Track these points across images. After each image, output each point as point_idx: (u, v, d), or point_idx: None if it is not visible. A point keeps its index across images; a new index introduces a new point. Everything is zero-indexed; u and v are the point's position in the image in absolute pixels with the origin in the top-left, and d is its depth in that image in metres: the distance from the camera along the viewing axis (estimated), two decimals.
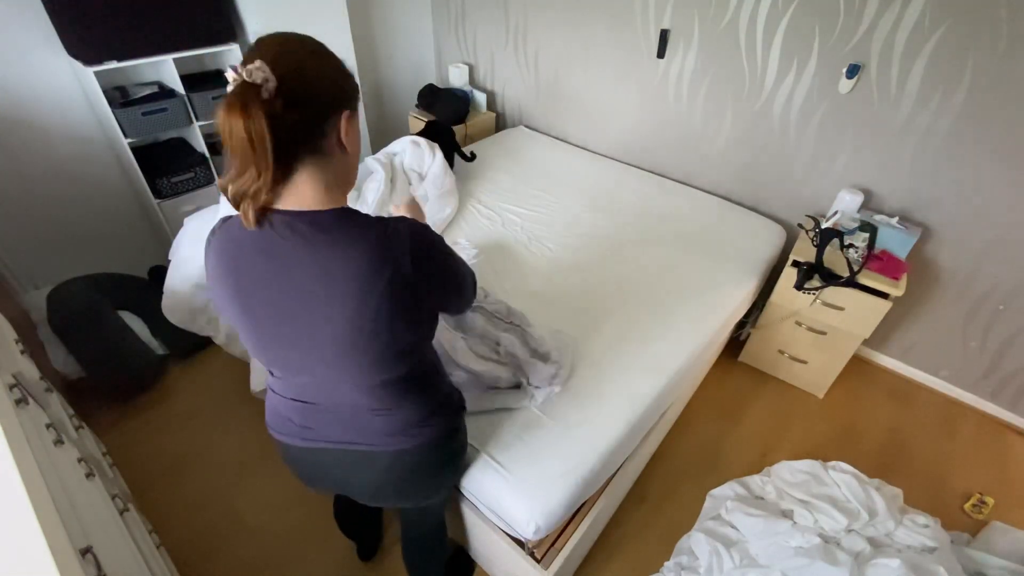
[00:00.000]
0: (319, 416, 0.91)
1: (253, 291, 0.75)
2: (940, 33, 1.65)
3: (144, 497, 1.69)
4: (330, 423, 0.91)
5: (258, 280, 0.74)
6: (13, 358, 1.28)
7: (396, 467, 0.96)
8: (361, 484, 1.01)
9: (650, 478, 1.83)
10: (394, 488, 1.01)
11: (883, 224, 1.90)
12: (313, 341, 0.76)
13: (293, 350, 0.79)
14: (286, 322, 0.75)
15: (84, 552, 0.76)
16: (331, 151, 0.73)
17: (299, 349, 0.78)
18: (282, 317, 0.75)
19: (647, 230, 2.13)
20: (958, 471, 1.95)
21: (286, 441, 0.96)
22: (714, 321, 1.74)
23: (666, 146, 2.54)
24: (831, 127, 2.00)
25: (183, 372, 2.17)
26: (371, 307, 0.71)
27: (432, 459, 1.00)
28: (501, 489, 1.21)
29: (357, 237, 0.71)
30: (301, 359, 0.80)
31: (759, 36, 2.01)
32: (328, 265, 0.70)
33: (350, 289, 0.70)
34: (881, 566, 1.15)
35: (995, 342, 2.04)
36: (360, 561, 1.58)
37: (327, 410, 0.89)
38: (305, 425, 0.92)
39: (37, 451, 0.89)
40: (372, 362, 0.79)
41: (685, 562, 1.37)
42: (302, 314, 0.74)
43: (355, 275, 0.70)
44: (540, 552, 1.27)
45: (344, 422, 0.90)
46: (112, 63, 1.95)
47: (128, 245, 2.50)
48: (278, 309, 0.75)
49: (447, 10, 3.13)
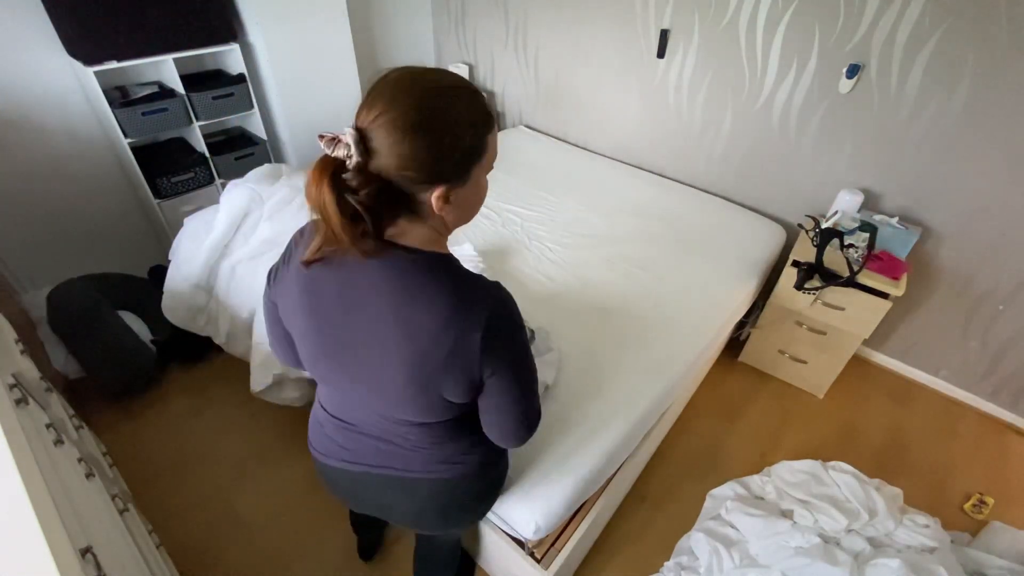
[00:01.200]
0: (360, 438, 0.90)
1: (326, 315, 0.74)
2: (940, 33, 1.65)
3: (144, 497, 1.69)
4: (369, 447, 0.90)
5: (334, 308, 0.73)
6: (13, 358, 1.28)
7: (436, 495, 0.95)
8: (400, 510, 1.00)
9: (650, 478, 1.83)
10: (433, 516, 1.00)
11: (883, 224, 1.90)
12: (370, 373, 0.76)
13: (347, 375, 0.79)
14: (349, 348, 0.75)
15: (84, 552, 0.76)
16: (427, 213, 0.68)
17: (355, 377, 0.78)
18: (349, 345, 0.75)
19: (647, 230, 2.13)
20: (958, 471, 1.95)
21: (326, 462, 0.96)
22: (714, 321, 1.74)
23: (666, 146, 2.54)
24: (831, 127, 2.00)
25: (183, 372, 2.17)
26: (429, 366, 0.71)
27: (473, 487, 0.99)
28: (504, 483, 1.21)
29: (445, 288, 0.69)
30: (354, 385, 0.80)
31: (759, 36, 2.01)
32: (406, 311, 0.69)
33: (416, 343, 0.70)
34: (881, 566, 1.15)
35: (995, 342, 2.04)
36: (360, 561, 1.58)
37: (369, 436, 0.89)
38: (346, 447, 0.92)
39: (37, 451, 0.89)
40: (421, 409, 0.79)
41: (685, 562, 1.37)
42: (367, 345, 0.73)
43: (424, 332, 0.69)
44: (540, 552, 1.27)
45: (384, 450, 0.90)
46: (112, 63, 1.95)
47: (128, 245, 2.50)
48: (347, 338, 0.74)
49: (447, 10, 3.13)
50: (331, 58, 2.54)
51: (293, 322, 0.79)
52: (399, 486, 0.94)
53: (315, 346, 0.78)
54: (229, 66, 2.41)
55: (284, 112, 2.49)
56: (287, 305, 0.79)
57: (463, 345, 0.69)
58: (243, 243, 1.84)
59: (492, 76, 3.15)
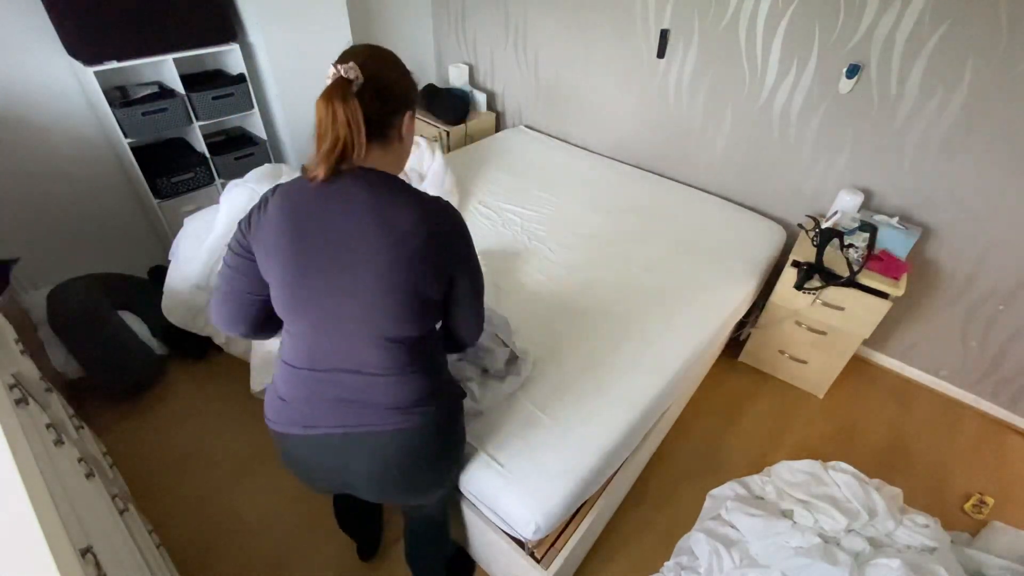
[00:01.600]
0: (325, 389, 0.93)
1: (311, 231, 0.85)
2: (940, 33, 1.65)
3: (144, 497, 1.69)
4: (333, 401, 0.94)
5: (319, 220, 0.85)
6: (13, 358, 1.28)
7: (396, 450, 0.97)
8: (361, 474, 1.00)
9: (650, 478, 1.83)
10: (395, 477, 1.01)
11: (883, 224, 1.90)
12: (355, 277, 0.85)
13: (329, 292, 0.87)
14: (335, 261, 0.85)
15: (84, 552, 0.76)
16: (392, 141, 0.91)
17: (338, 291, 0.86)
18: (333, 255, 0.85)
19: (647, 230, 2.13)
20: (958, 471, 1.95)
21: (285, 431, 0.97)
22: (714, 321, 1.74)
23: (666, 146, 2.54)
24: (831, 127, 2.00)
25: (183, 372, 2.17)
26: (407, 254, 0.85)
27: (432, 445, 1.02)
28: (501, 488, 1.21)
29: (413, 197, 0.88)
30: (336, 304, 0.87)
31: (759, 36, 2.01)
32: (385, 211, 0.85)
33: (394, 235, 0.84)
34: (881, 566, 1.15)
35: (995, 342, 2.04)
36: (360, 560, 1.58)
37: (334, 382, 0.93)
38: (307, 408, 0.95)
39: (37, 451, 0.89)
40: (397, 307, 0.88)
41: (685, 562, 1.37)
42: (354, 248, 0.85)
43: (404, 223, 0.84)
44: (540, 552, 1.27)
45: (347, 396, 0.93)
46: (112, 63, 1.95)
47: (128, 245, 2.50)
48: (331, 247, 0.85)
49: (447, 10, 3.13)
50: (331, 58, 2.50)
51: (275, 258, 0.87)
52: (359, 445, 0.96)
53: (299, 270, 0.86)
54: (229, 66, 2.41)
55: (284, 112, 2.49)
56: (268, 244, 0.87)
57: (435, 239, 0.87)
58: None
59: (492, 76, 3.15)
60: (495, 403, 1.36)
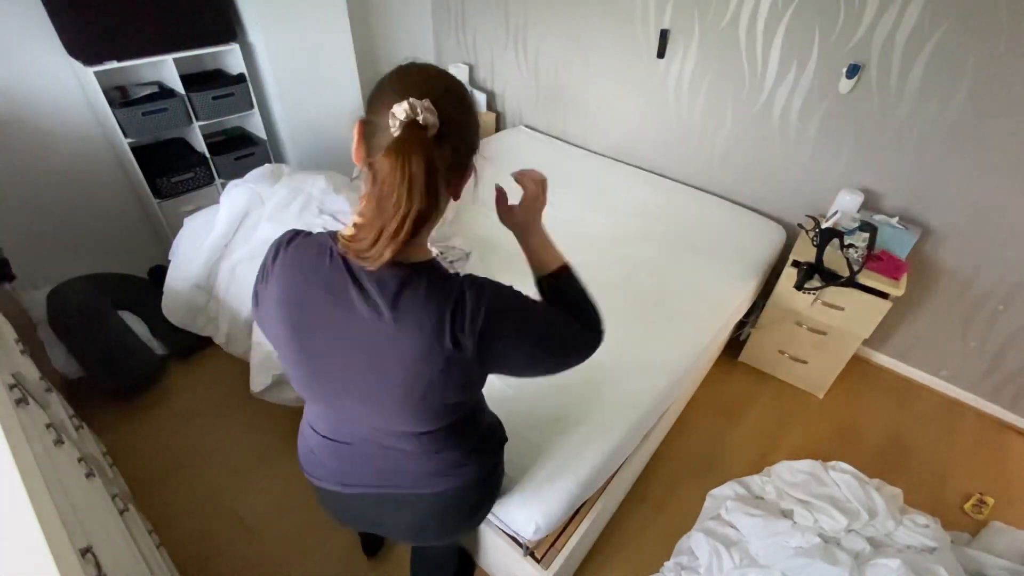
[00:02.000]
0: (356, 458, 0.88)
1: (315, 325, 0.70)
2: (940, 33, 1.65)
3: (144, 497, 1.69)
4: (366, 467, 0.88)
5: (323, 316, 0.70)
6: (13, 358, 1.28)
7: (436, 509, 0.94)
8: (400, 526, 0.99)
9: (650, 478, 1.83)
10: (434, 528, 0.99)
11: (883, 224, 1.90)
12: (367, 391, 0.73)
13: (342, 395, 0.76)
14: (341, 367, 0.72)
15: (84, 552, 0.76)
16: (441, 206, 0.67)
17: (349, 395, 0.75)
18: (339, 361, 0.72)
19: (647, 230, 2.13)
20: (958, 471, 1.95)
21: (322, 486, 0.94)
22: (714, 321, 1.74)
23: (666, 146, 2.54)
24: (831, 127, 2.00)
25: (183, 372, 2.17)
26: (426, 378, 0.69)
27: (472, 498, 0.99)
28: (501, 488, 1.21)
29: (427, 305, 0.67)
30: (350, 404, 0.77)
31: (759, 36, 2.01)
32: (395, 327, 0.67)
33: (411, 355, 0.68)
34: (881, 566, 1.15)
35: (995, 342, 2.04)
36: (365, 557, 1.58)
37: (364, 453, 0.87)
38: (342, 469, 0.90)
39: (37, 451, 0.89)
40: (421, 419, 0.77)
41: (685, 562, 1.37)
42: (361, 363, 0.70)
43: (418, 345, 0.67)
44: (540, 552, 1.27)
45: (380, 468, 0.88)
46: (112, 63, 1.95)
47: (128, 245, 2.50)
48: (337, 351, 0.71)
49: (447, 10, 3.13)
50: (331, 58, 2.54)
51: (278, 341, 0.75)
52: (397, 504, 0.93)
53: (301, 364, 0.74)
54: (229, 66, 2.41)
55: (284, 112, 2.49)
56: (270, 326, 0.76)
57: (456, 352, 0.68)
58: (243, 243, 1.84)
59: (492, 76, 3.15)
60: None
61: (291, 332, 0.72)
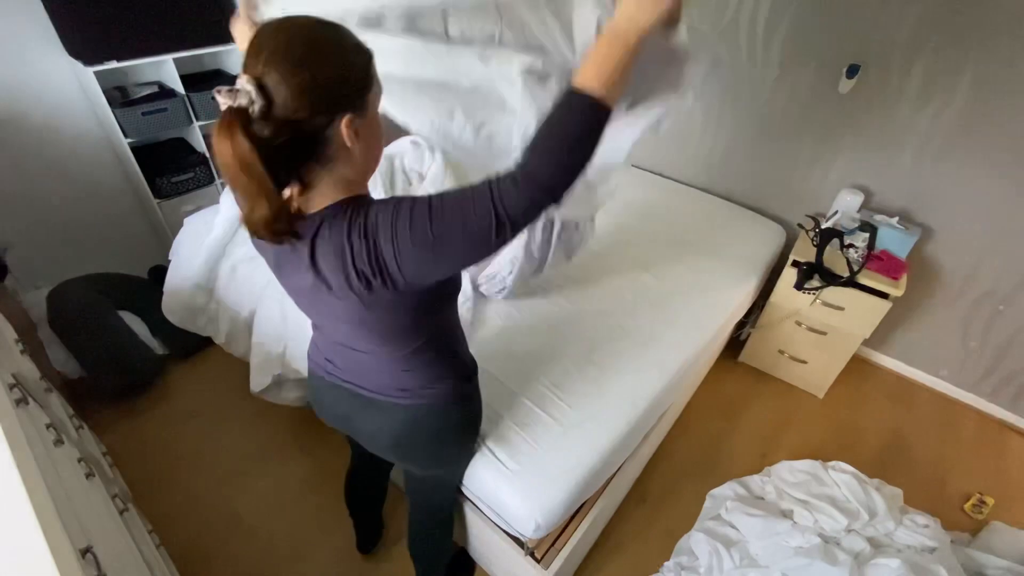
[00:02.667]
0: (336, 349, 0.95)
1: (284, 273, 0.81)
2: (940, 33, 1.65)
3: (144, 497, 1.69)
4: (344, 360, 0.95)
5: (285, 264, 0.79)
6: (13, 358, 1.28)
7: (406, 422, 0.99)
8: (371, 430, 1.03)
9: (650, 478, 1.83)
10: (399, 442, 1.02)
11: (883, 224, 1.90)
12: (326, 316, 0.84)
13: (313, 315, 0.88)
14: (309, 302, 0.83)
15: (84, 552, 0.76)
16: (337, 155, 0.68)
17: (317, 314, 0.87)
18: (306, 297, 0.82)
19: (647, 230, 2.13)
20: (958, 471, 1.95)
21: (313, 369, 1.03)
22: (714, 321, 1.74)
23: (666, 146, 2.54)
24: (831, 127, 2.00)
25: (183, 372, 2.17)
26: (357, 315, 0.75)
27: (443, 420, 1.01)
28: (501, 487, 1.21)
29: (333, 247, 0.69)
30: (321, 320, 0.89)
31: (759, 36, 2.01)
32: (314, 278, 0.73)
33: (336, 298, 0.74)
34: (881, 566, 1.16)
35: (995, 342, 2.04)
36: (359, 553, 1.58)
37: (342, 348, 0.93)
38: (327, 357, 0.98)
39: (37, 451, 0.89)
40: (377, 343, 0.84)
41: (685, 562, 1.37)
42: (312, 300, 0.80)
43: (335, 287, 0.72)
44: (540, 552, 1.27)
45: (353, 367, 0.95)
46: (112, 63, 1.95)
47: (128, 245, 2.50)
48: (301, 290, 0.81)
49: None
50: None
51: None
52: (364, 404, 0.98)
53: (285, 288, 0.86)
54: (229, 66, 2.41)
55: None
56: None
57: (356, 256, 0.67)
58: (243, 243, 1.84)
59: None
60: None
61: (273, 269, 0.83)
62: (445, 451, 1.10)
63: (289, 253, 0.74)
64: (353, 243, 0.67)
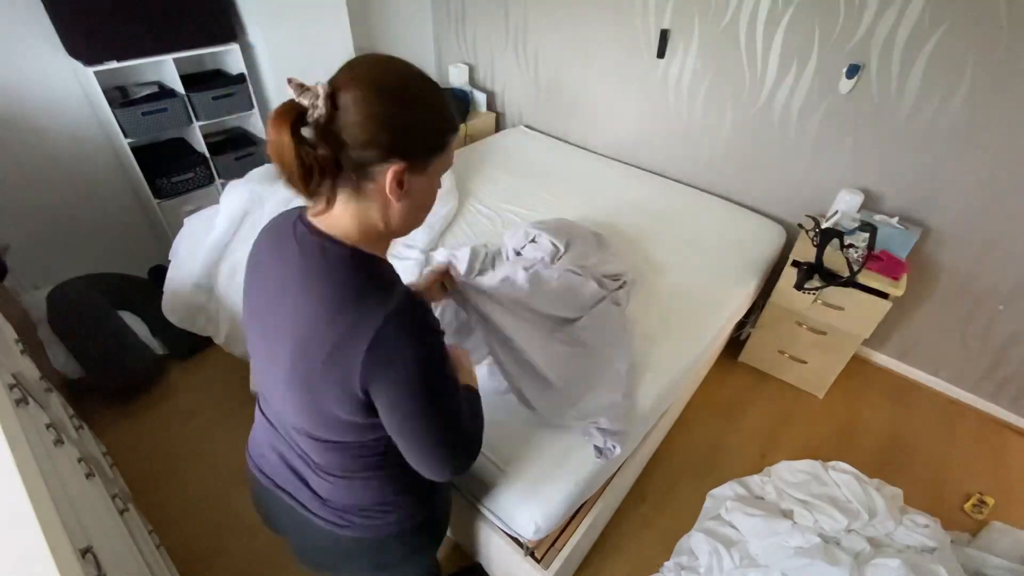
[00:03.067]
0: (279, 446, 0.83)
1: (258, 288, 0.74)
2: (940, 33, 1.65)
3: (144, 497, 1.69)
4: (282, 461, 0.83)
5: (264, 280, 0.72)
6: (13, 358, 1.28)
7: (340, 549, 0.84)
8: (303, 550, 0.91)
9: (650, 478, 1.83)
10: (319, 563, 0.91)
11: (883, 224, 1.90)
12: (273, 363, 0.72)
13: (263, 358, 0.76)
14: (266, 324, 0.72)
15: (84, 552, 0.76)
16: (374, 197, 0.65)
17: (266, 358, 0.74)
18: (264, 315, 0.72)
19: (647, 230, 2.13)
20: (958, 471, 1.95)
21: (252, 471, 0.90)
22: (714, 321, 1.74)
23: (666, 146, 2.54)
24: (831, 127, 2.00)
25: (183, 372, 2.17)
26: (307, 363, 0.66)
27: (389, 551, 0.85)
28: (501, 488, 1.21)
29: (339, 286, 0.65)
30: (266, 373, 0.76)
31: (759, 36, 2.01)
32: (303, 298, 0.66)
33: (301, 331, 0.66)
34: (881, 566, 1.16)
35: (995, 342, 2.04)
36: None
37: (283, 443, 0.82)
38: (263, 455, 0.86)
39: (37, 451, 0.89)
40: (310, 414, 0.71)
41: (685, 562, 1.37)
42: (276, 329, 0.70)
43: (310, 323, 0.65)
44: (540, 552, 1.27)
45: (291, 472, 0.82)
46: (112, 63, 1.95)
47: (128, 245, 2.50)
48: (264, 316, 0.72)
49: (447, 10, 3.13)
50: (331, 58, 2.52)
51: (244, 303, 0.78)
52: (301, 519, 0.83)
53: (250, 328, 0.77)
54: (229, 66, 2.41)
55: None
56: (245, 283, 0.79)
57: (345, 349, 0.62)
58: (243, 243, 1.84)
59: (492, 76, 3.15)
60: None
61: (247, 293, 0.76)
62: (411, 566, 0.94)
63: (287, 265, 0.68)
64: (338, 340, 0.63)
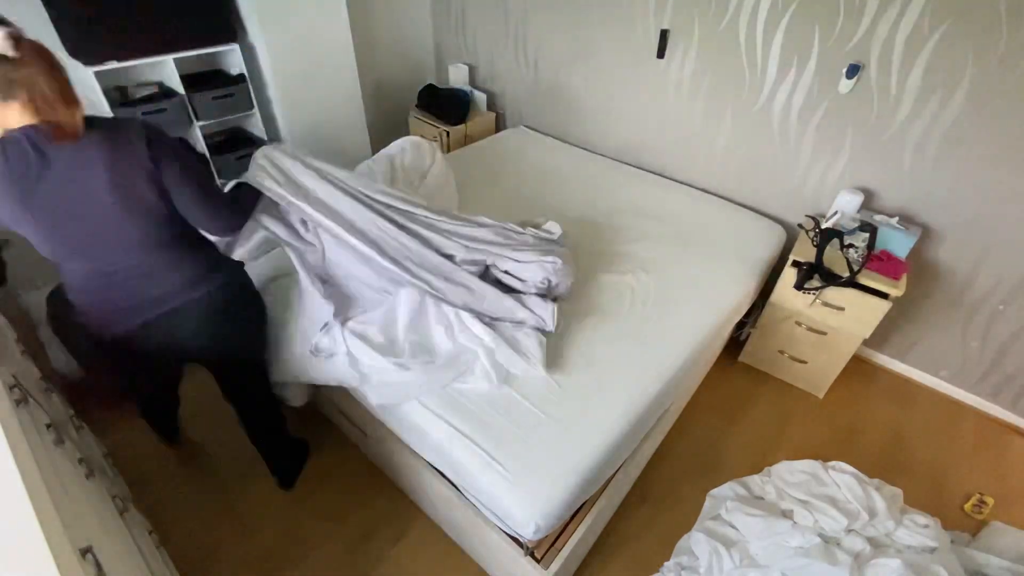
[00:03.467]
0: (131, 285, 1.14)
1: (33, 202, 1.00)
2: (940, 33, 1.65)
3: (144, 497, 1.69)
4: (137, 294, 1.15)
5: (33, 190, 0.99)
6: (13, 358, 1.28)
7: (206, 309, 1.24)
8: (187, 336, 1.25)
9: (650, 478, 1.83)
10: (214, 331, 1.29)
11: (883, 224, 1.90)
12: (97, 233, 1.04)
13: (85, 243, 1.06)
14: (69, 221, 1.02)
15: (84, 552, 0.76)
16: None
17: (89, 240, 1.06)
18: (65, 217, 1.02)
19: (647, 230, 2.13)
20: (958, 471, 1.95)
21: (115, 331, 1.19)
22: (714, 321, 1.74)
23: (666, 146, 2.54)
24: (831, 127, 2.00)
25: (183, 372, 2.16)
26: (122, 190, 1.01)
27: (234, 299, 1.32)
28: (501, 488, 1.21)
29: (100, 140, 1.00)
30: (95, 248, 1.07)
31: (759, 36, 2.01)
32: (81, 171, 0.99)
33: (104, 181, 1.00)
34: (881, 566, 1.15)
35: (995, 342, 2.04)
36: (366, 557, 1.58)
37: (135, 277, 1.14)
38: (121, 307, 1.16)
39: (37, 451, 0.89)
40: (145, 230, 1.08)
41: (685, 562, 1.37)
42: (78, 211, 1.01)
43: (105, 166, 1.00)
44: (540, 552, 1.27)
45: (150, 284, 1.15)
46: (112, 63, 1.96)
47: None
48: (58, 212, 1.01)
49: (447, 10, 3.13)
50: (331, 58, 2.55)
51: (20, 226, 1.05)
52: (171, 315, 1.19)
53: (42, 236, 1.05)
54: (229, 66, 2.41)
55: (284, 112, 2.49)
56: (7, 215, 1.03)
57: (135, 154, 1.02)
58: (243, 243, 1.84)
59: (492, 76, 3.15)
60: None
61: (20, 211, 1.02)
62: (251, 327, 1.44)
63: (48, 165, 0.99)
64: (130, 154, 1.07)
